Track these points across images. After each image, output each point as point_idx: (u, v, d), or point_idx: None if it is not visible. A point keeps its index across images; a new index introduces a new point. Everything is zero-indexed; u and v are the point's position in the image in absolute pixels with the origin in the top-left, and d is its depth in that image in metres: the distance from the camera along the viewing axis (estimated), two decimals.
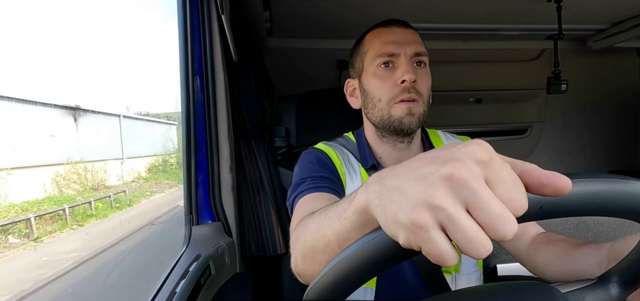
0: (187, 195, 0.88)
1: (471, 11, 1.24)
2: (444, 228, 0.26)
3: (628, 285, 0.38)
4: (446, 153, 0.28)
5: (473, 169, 0.26)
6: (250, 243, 1.09)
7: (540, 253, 0.68)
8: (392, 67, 0.76)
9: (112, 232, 5.00)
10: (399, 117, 0.75)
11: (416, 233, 0.26)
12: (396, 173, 0.30)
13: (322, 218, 0.43)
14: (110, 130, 7.65)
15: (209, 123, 0.91)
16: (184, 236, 0.87)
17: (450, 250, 0.26)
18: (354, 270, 0.32)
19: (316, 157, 0.81)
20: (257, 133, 1.14)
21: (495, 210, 0.25)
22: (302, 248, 0.47)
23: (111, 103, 13.43)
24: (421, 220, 0.26)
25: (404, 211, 0.26)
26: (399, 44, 0.76)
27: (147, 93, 18.59)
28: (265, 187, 1.12)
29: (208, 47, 0.89)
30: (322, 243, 0.42)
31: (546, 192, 0.27)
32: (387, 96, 0.76)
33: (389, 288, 0.78)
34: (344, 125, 1.11)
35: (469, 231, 0.25)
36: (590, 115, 1.85)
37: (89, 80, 12.91)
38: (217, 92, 0.93)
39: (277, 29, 1.39)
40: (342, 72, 1.59)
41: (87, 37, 16.81)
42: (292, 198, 0.74)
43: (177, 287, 0.64)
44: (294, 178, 0.80)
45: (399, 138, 0.80)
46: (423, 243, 0.26)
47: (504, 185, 0.26)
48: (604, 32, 1.48)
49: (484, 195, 0.25)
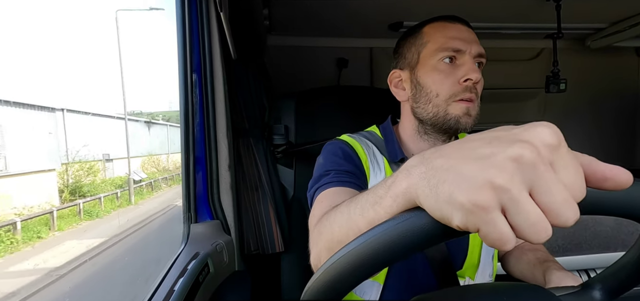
0: (185, 193, 0.88)
1: (471, 10, 1.24)
2: (504, 210, 0.25)
3: (611, 293, 0.38)
4: (511, 134, 0.27)
5: (542, 152, 0.25)
6: (248, 242, 1.09)
7: (511, 260, 0.79)
8: (455, 64, 0.73)
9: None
10: (457, 116, 0.72)
11: (477, 214, 0.25)
12: (445, 153, 0.28)
13: (353, 208, 0.40)
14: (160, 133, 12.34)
15: (208, 121, 0.91)
16: (182, 234, 0.87)
17: (510, 233, 0.25)
18: (384, 251, 0.30)
19: (341, 150, 0.78)
20: (256, 131, 1.14)
21: (561, 195, 0.24)
22: (328, 241, 0.45)
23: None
24: (484, 200, 0.24)
25: (464, 191, 0.25)
26: (465, 41, 0.73)
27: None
28: (264, 185, 1.12)
29: (207, 45, 0.89)
30: (352, 234, 0.38)
31: (607, 186, 0.26)
32: (447, 92, 0.73)
33: (397, 285, 0.77)
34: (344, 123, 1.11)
35: (532, 216, 0.24)
36: (589, 114, 1.85)
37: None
38: (216, 90, 0.92)
39: (277, 27, 1.38)
40: (342, 70, 1.58)
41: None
42: (314, 190, 0.71)
43: (176, 285, 0.64)
44: (316, 170, 0.76)
45: (442, 137, 0.78)
46: (483, 225, 0.25)
47: (568, 170, 0.25)
48: (603, 31, 1.48)
49: (551, 179, 0.24)
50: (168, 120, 17.12)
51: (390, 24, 1.35)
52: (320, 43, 1.50)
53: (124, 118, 10.67)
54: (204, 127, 0.90)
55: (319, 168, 0.76)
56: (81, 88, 18.46)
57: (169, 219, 7.93)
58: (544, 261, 0.68)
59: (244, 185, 1.10)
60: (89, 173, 8.70)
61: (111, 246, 5.27)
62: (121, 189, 9.13)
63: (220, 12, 0.84)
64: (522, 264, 0.75)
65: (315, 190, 0.70)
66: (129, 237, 5.97)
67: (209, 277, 0.76)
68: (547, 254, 0.73)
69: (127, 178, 9.50)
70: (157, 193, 11.25)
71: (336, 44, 1.52)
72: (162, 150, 15.17)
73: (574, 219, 0.24)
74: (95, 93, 19.21)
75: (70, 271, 4.31)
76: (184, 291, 0.64)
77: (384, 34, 1.42)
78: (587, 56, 1.69)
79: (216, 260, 0.82)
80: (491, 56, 1.65)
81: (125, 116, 10.71)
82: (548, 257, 0.71)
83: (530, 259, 0.73)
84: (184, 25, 0.85)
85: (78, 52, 14.65)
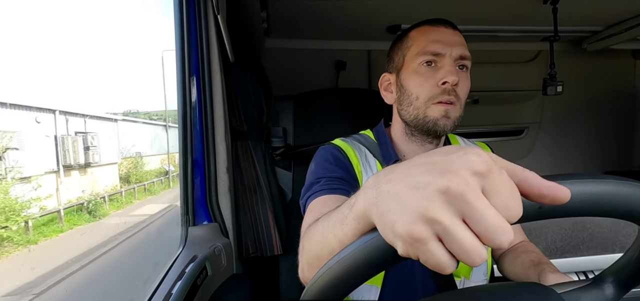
0: (183, 196, 0.88)
1: (469, 13, 1.25)
2: (440, 238, 0.26)
3: (622, 286, 0.38)
4: (444, 162, 0.27)
5: (470, 181, 0.26)
6: (247, 244, 1.09)
7: (506, 262, 0.79)
8: (435, 67, 0.75)
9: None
10: (435, 118, 0.74)
11: (414, 245, 0.26)
12: (393, 177, 0.30)
13: (326, 225, 0.42)
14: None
15: (206, 123, 0.91)
16: (180, 237, 0.87)
17: (447, 259, 0.26)
18: (353, 270, 0.32)
19: (332, 155, 0.79)
20: (254, 133, 1.14)
21: (491, 221, 0.25)
22: (308, 256, 0.47)
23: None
24: (418, 233, 0.26)
25: (402, 223, 0.27)
26: (445, 44, 0.74)
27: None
28: (262, 187, 1.12)
29: (205, 48, 0.89)
30: (326, 251, 0.41)
31: (545, 202, 0.27)
32: (426, 95, 0.75)
33: (395, 287, 0.78)
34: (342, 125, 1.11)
35: (464, 243, 0.25)
36: (586, 116, 1.86)
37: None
38: (214, 93, 0.92)
39: (274, 30, 1.39)
40: (340, 73, 1.59)
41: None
42: (305, 198, 0.72)
43: (174, 288, 0.64)
44: (308, 177, 0.77)
45: (428, 138, 0.80)
46: (421, 255, 0.27)
47: (500, 194, 0.26)
48: (599, 34, 1.49)
49: (480, 206, 0.25)
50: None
51: (388, 27, 1.35)
52: (319, 45, 1.51)
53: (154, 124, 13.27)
54: (202, 129, 0.90)
55: (311, 175, 0.77)
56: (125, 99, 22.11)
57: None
58: (538, 263, 0.69)
59: (242, 187, 1.09)
60: (136, 166, 11.63)
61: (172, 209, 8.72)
62: (161, 177, 12.04)
63: (217, 14, 0.84)
64: (516, 266, 0.76)
65: (307, 199, 0.72)
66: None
67: (207, 280, 0.76)
68: (541, 256, 0.74)
69: (162, 169, 12.45)
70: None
71: (334, 47, 1.52)
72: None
73: (507, 242, 0.25)
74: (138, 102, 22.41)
75: (162, 216, 8.19)
76: (182, 295, 0.63)
77: (382, 37, 1.43)
78: (584, 58, 1.70)
79: (214, 263, 0.81)
80: (489, 58, 1.67)
81: (167, 122, 13.27)
82: (542, 259, 0.71)
83: (524, 261, 0.73)
84: (182, 27, 0.85)
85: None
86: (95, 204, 7.30)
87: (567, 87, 1.39)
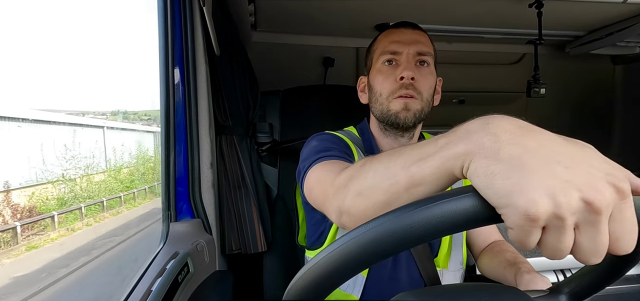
0: (165, 190, 0.86)
1: (456, 13, 1.26)
2: (545, 228, 0.26)
3: (576, 299, 0.40)
4: (587, 166, 0.26)
5: (610, 203, 0.25)
6: (230, 241, 1.07)
7: (484, 260, 0.82)
8: (395, 65, 0.81)
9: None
10: (396, 112, 0.79)
11: (524, 225, 0.25)
12: (523, 143, 0.27)
13: (394, 159, 0.39)
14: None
15: (190, 117, 0.89)
16: (160, 233, 0.84)
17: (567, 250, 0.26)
18: (339, 268, 0.30)
19: (335, 137, 0.82)
20: (239, 128, 1.12)
21: (597, 247, 0.25)
22: (361, 185, 0.44)
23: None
24: (539, 217, 0.25)
25: (525, 201, 0.25)
26: (403, 43, 0.81)
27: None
28: (247, 183, 1.10)
29: (190, 39, 0.87)
30: (387, 183, 0.38)
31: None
32: (387, 91, 0.81)
33: (380, 276, 0.80)
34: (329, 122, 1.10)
35: (562, 248, 0.26)
36: (567, 119, 1.91)
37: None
38: (199, 86, 0.90)
39: (262, 23, 1.37)
40: (328, 69, 1.58)
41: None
42: (313, 159, 0.68)
43: (153, 286, 0.62)
44: (310, 151, 0.74)
45: (398, 132, 0.85)
46: (523, 235, 0.26)
47: (622, 225, 0.26)
48: (581, 38, 1.53)
49: (601, 230, 0.25)
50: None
51: (377, 25, 1.35)
52: (307, 41, 1.49)
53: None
54: (186, 123, 0.88)
55: (314, 148, 0.74)
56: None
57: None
58: (513, 263, 0.71)
59: (226, 183, 1.08)
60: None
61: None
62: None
63: (203, 6, 0.82)
64: (494, 265, 0.78)
65: (317, 159, 0.67)
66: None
67: (188, 277, 0.74)
68: (517, 255, 0.76)
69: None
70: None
71: (322, 43, 1.51)
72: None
73: (594, 263, 0.26)
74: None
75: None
76: (162, 292, 0.62)
77: (370, 35, 1.42)
78: (567, 62, 1.74)
79: (196, 259, 0.80)
80: (476, 59, 1.69)
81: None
82: (518, 258, 0.73)
83: (501, 261, 0.75)
84: (165, 18, 0.82)
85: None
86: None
87: (550, 89, 1.42)
